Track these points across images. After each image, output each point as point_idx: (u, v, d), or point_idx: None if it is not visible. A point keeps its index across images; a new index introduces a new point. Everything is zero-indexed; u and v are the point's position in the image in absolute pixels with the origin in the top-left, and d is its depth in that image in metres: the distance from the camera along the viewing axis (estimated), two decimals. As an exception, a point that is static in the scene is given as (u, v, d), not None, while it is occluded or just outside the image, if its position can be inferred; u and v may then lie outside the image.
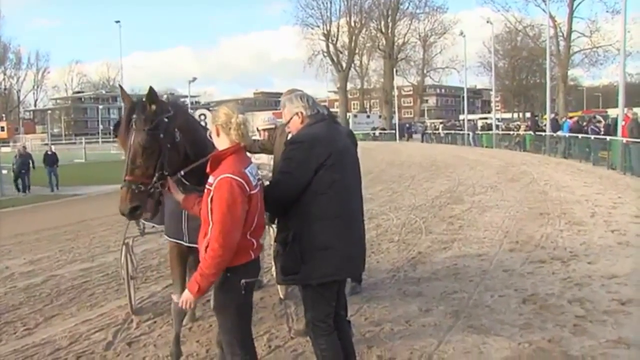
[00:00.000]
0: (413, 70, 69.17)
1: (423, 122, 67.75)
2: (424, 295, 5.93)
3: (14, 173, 20.60)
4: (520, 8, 77.42)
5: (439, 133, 48.92)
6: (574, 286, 5.98)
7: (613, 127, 22.58)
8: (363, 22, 65.25)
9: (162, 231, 4.97)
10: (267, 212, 3.39)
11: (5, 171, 20.98)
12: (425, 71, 69.75)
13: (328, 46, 64.92)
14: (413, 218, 10.61)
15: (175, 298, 4.32)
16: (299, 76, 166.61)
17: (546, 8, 42.09)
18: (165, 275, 7.08)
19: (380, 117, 67.89)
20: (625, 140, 17.69)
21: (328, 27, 64.93)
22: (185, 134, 3.52)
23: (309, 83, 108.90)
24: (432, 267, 7.03)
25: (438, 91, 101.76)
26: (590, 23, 49.52)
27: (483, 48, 62.27)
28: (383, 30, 65.02)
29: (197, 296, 3.11)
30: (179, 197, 3.50)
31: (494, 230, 9.11)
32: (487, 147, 35.45)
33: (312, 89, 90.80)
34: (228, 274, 3.12)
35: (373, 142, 47.58)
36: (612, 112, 37.48)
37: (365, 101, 79.77)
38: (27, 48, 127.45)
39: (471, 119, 50.92)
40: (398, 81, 64.31)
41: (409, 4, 65.03)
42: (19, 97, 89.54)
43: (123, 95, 3.58)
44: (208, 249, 3.04)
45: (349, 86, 69.99)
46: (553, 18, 46.65)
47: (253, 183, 3.13)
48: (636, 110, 21.62)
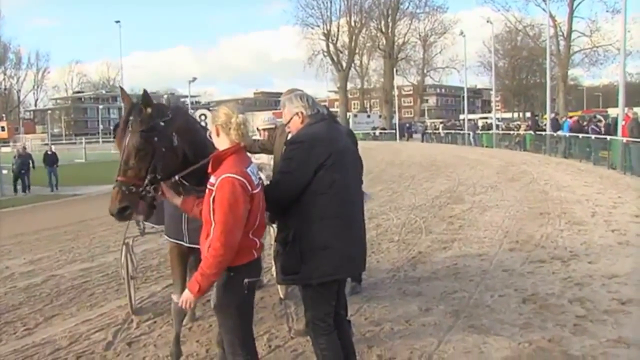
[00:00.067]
0: (413, 70, 69.24)
1: (423, 122, 67.78)
2: (424, 294, 5.93)
3: (14, 174, 20.57)
4: (520, 8, 77.66)
5: (439, 133, 48.92)
6: (574, 286, 5.98)
7: (613, 127, 22.57)
8: (363, 22, 65.22)
9: (162, 231, 4.97)
10: (267, 212, 3.39)
11: (5, 171, 20.96)
12: (425, 71, 69.74)
13: (328, 46, 64.92)
14: (413, 218, 10.61)
15: (175, 298, 4.32)
16: (299, 76, 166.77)
17: (546, 8, 42.14)
18: (165, 275, 7.08)
19: (380, 117, 67.86)
20: (625, 140, 17.68)
21: (328, 27, 64.98)
22: (184, 138, 3.51)
23: (309, 83, 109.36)
24: (432, 267, 7.03)
25: (438, 91, 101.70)
26: (590, 23, 49.58)
27: (483, 48, 62.35)
28: (383, 29, 64.98)
29: (198, 296, 3.10)
30: (177, 201, 3.51)
31: (494, 229, 9.11)
32: (487, 147, 35.43)
33: (312, 89, 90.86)
34: (231, 274, 3.11)
35: (373, 142, 47.53)
36: (613, 112, 37.45)
37: (365, 101, 79.70)
38: (27, 48, 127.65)
39: (471, 119, 50.92)
40: (398, 81, 64.30)
41: (409, 4, 65.08)
42: (19, 97, 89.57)
43: (123, 96, 3.58)
44: (209, 248, 3.03)
45: (349, 86, 69.98)
46: (553, 18, 46.70)
47: (255, 182, 3.14)
48: (636, 109, 21.64)
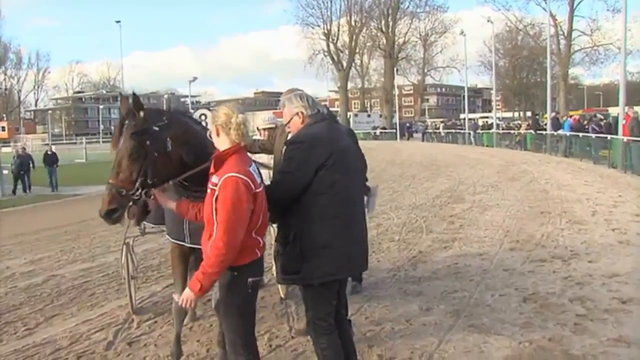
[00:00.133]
0: (414, 69, 69.15)
1: (424, 121, 67.80)
2: (425, 294, 5.93)
3: (13, 174, 20.55)
4: (520, 7, 77.43)
5: (440, 132, 48.92)
6: (575, 285, 5.98)
7: (614, 126, 22.56)
8: (363, 22, 65.16)
9: (163, 231, 4.98)
10: (268, 212, 3.39)
11: (6, 171, 20.95)
12: (425, 70, 69.69)
13: (328, 45, 64.86)
14: (414, 217, 10.61)
15: (176, 298, 4.31)
16: (300, 75, 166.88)
17: (547, 7, 42.00)
18: (165, 275, 7.09)
19: (380, 117, 67.86)
20: (626, 139, 17.68)
21: (328, 27, 64.89)
22: (181, 143, 3.53)
23: (310, 82, 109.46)
24: (433, 266, 7.03)
25: (439, 90, 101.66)
26: (590, 21, 49.52)
27: (483, 47, 62.22)
28: (383, 29, 64.92)
29: (199, 295, 3.10)
30: (171, 205, 3.53)
31: (495, 229, 9.10)
32: (488, 146, 35.43)
33: (313, 89, 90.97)
34: (235, 273, 3.11)
35: (374, 142, 47.50)
36: (613, 111, 37.42)
37: (365, 100, 79.64)
38: (28, 48, 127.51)
39: (472, 118, 50.87)
40: (399, 80, 64.26)
41: (410, 3, 64.96)
42: (20, 97, 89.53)
43: (122, 102, 3.60)
44: (212, 248, 3.02)
45: (350, 85, 69.95)
46: (554, 17, 46.61)
47: (257, 181, 3.14)
48: (637, 108, 21.69)
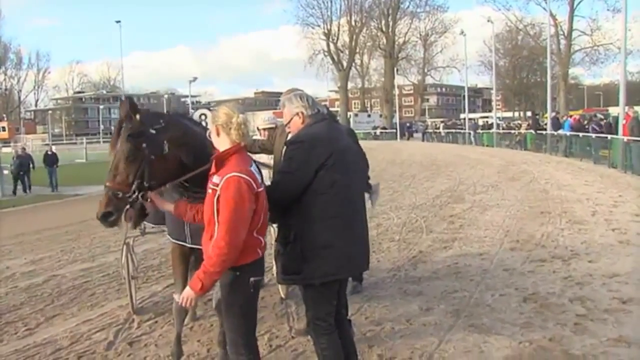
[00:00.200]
0: (414, 69, 69.07)
1: (424, 121, 67.79)
2: (425, 294, 5.94)
3: (13, 175, 20.53)
4: (520, 7, 77.24)
5: (440, 132, 48.90)
6: (575, 285, 5.98)
7: (614, 126, 22.56)
8: (363, 21, 65.14)
9: (163, 231, 4.98)
10: (270, 213, 3.39)
11: (6, 171, 20.96)
12: (426, 70, 69.65)
13: (329, 45, 64.82)
14: (414, 217, 10.61)
15: (176, 298, 4.30)
16: (300, 75, 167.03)
17: (547, 6, 41.94)
18: (166, 275, 7.09)
19: (381, 116, 67.85)
20: (626, 139, 17.68)
21: (328, 27, 64.86)
22: (179, 145, 3.55)
23: (310, 82, 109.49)
24: (433, 266, 7.03)
25: (439, 90, 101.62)
26: (591, 21, 49.49)
27: (484, 47, 62.15)
28: (384, 29, 64.89)
29: (200, 294, 3.10)
30: (168, 207, 3.54)
31: (495, 229, 9.10)
32: (488, 146, 35.41)
33: (313, 88, 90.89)
34: (237, 273, 3.11)
35: (374, 141, 47.46)
36: (613, 111, 37.43)
37: (366, 100, 79.61)
38: (28, 48, 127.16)
39: (472, 118, 50.85)
40: (399, 80, 64.22)
41: (410, 3, 64.88)
42: (20, 98, 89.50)
43: (121, 105, 3.63)
44: (213, 247, 3.02)
45: (350, 85, 69.93)
46: (554, 16, 46.58)
47: (259, 181, 3.15)
48: (637, 108, 21.71)
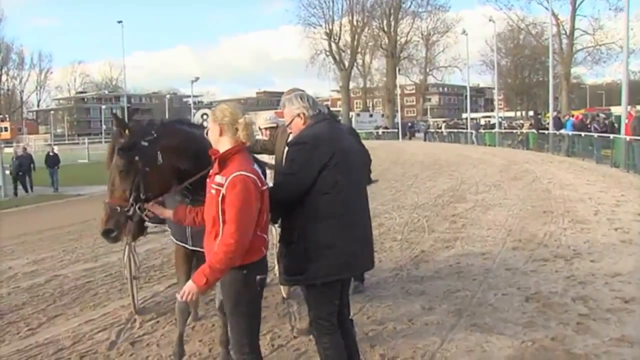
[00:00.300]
0: (416, 69, 69.15)
1: (426, 121, 67.70)
2: (427, 293, 5.93)
3: (12, 176, 20.54)
4: (522, 6, 77.14)
5: (442, 132, 48.83)
6: (577, 284, 5.97)
7: (617, 125, 22.51)
8: (365, 21, 65.17)
9: (165, 231, 4.98)
10: (271, 213, 3.38)
11: (7, 172, 20.99)
12: (427, 70, 69.68)
13: (330, 45, 64.87)
14: (416, 217, 10.60)
15: (179, 297, 4.31)
16: (301, 75, 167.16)
17: (549, 6, 41.95)
18: (168, 274, 7.10)
19: (383, 116, 67.87)
20: (628, 138, 17.64)
21: (330, 26, 64.93)
22: (174, 153, 3.58)
23: (312, 82, 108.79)
24: (435, 266, 7.03)
25: (441, 90, 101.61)
26: (593, 21, 49.55)
27: (485, 46, 61.96)
28: (385, 29, 64.91)
29: (203, 289, 3.09)
30: (167, 214, 3.56)
31: (497, 228, 9.09)
32: (490, 146, 35.35)
33: (315, 88, 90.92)
34: (244, 272, 3.10)
35: (376, 141, 47.36)
36: (616, 110, 37.36)
37: (367, 100, 79.65)
38: (30, 48, 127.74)
39: (474, 118, 50.88)
40: (401, 80, 64.18)
41: (411, 3, 64.97)
42: (22, 98, 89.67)
43: (116, 122, 3.64)
44: (221, 244, 3.01)
45: (352, 85, 70.05)
46: (556, 16, 46.63)
47: (263, 179, 3.15)
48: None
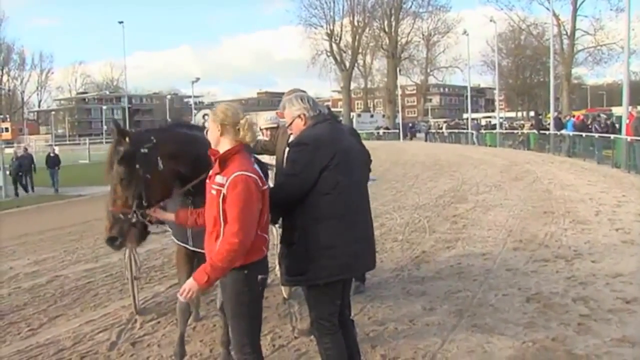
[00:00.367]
0: (416, 69, 69.14)
1: (427, 121, 67.68)
2: (428, 294, 5.93)
3: (12, 176, 20.53)
4: (523, 6, 76.51)
5: (443, 132, 48.83)
6: (578, 285, 5.96)
7: (619, 125, 22.50)
8: (366, 22, 65.23)
9: (166, 231, 4.98)
10: (272, 213, 3.38)
11: (8, 172, 21.00)
12: (428, 70, 69.67)
13: (331, 46, 64.95)
14: (417, 217, 10.60)
15: (181, 298, 4.31)
16: (302, 75, 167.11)
17: (550, 6, 42.10)
18: (169, 275, 7.10)
19: (383, 117, 67.85)
20: (629, 138, 17.62)
21: (331, 27, 65.01)
22: (174, 158, 3.59)
23: (313, 82, 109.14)
24: (436, 266, 7.02)
25: (441, 90, 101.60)
26: (594, 21, 49.45)
27: (486, 47, 61.94)
28: (386, 29, 64.94)
29: (204, 287, 3.09)
30: (170, 217, 3.58)
31: (498, 229, 9.09)
32: (491, 146, 35.36)
33: (316, 89, 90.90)
34: (245, 271, 3.10)
35: (377, 142, 47.36)
36: (617, 111, 37.36)
37: (368, 100, 79.68)
38: (30, 49, 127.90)
39: (475, 118, 50.86)
40: (401, 80, 64.23)
41: (412, 3, 65.00)
42: (23, 98, 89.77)
43: (117, 130, 3.62)
44: (224, 243, 3.00)
45: (353, 86, 70.08)
46: (557, 16, 46.56)
47: (263, 179, 3.15)
48: (641, 108, 21.55)
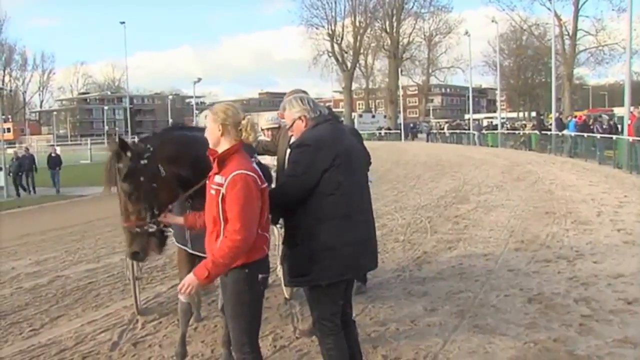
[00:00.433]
0: (418, 69, 69.08)
1: (428, 122, 67.69)
2: (430, 294, 5.92)
3: (12, 176, 20.54)
4: (525, 7, 76.48)
5: (444, 132, 48.80)
6: (580, 285, 5.96)
7: (621, 126, 22.48)
8: (368, 22, 65.16)
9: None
10: (273, 214, 3.38)
11: (9, 172, 21.02)
12: (430, 71, 69.60)
13: (333, 46, 64.89)
14: (418, 217, 10.59)
15: (182, 298, 4.33)
16: (304, 76, 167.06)
17: (551, 7, 41.83)
18: (170, 275, 7.11)
19: (385, 117, 67.79)
20: (631, 139, 17.60)
21: (333, 27, 64.95)
22: (173, 162, 3.60)
23: (314, 83, 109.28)
24: (438, 267, 7.02)
25: (443, 91, 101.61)
26: (595, 21, 49.34)
27: (488, 47, 61.97)
28: (388, 29, 64.86)
29: (204, 283, 3.09)
30: (179, 221, 3.59)
31: (500, 229, 9.08)
32: (493, 147, 35.35)
33: (317, 89, 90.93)
34: (246, 270, 3.10)
35: (378, 142, 47.42)
36: (618, 111, 37.30)
37: (370, 101, 79.64)
38: (32, 49, 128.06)
39: (476, 119, 50.81)
40: (403, 81, 64.28)
41: (414, 4, 64.87)
42: (25, 99, 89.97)
43: (110, 144, 3.62)
44: (226, 239, 3.00)
45: (354, 86, 69.97)
46: (558, 17, 46.42)
47: (262, 177, 3.15)
48: (642, 108, 21.53)
